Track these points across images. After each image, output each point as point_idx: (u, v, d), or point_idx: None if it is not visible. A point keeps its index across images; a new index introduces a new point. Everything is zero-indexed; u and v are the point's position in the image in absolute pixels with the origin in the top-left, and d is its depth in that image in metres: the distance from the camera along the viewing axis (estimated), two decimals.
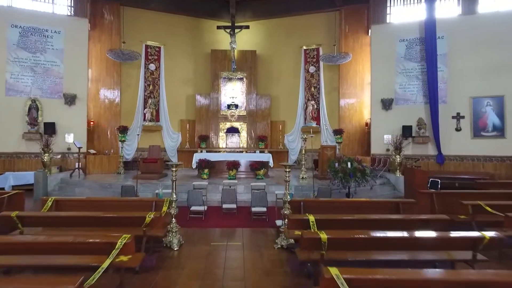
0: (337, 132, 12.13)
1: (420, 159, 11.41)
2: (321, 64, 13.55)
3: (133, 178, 8.77)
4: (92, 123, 12.31)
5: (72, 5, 11.99)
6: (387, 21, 12.57)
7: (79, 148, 10.57)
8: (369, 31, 12.92)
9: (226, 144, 13.92)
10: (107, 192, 8.83)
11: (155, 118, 13.52)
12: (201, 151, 12.35)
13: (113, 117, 12.92)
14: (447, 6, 11.88)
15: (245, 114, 13.90)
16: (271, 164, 10.67)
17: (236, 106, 13.90)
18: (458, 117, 11.32)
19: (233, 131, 13.96)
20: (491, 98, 10.98)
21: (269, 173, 11.11)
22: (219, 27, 13.27)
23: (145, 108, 13.37)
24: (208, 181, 9.82)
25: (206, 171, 10.15)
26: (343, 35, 13.34)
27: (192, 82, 14.36)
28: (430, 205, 6.21)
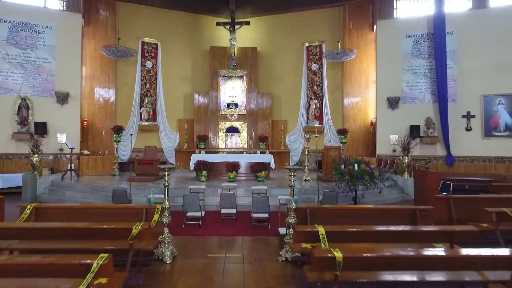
0: (341, 132, 11.58)
1: (431, 160, 10.88)
2: (324, 61, 13.05)
3: (127, 180, 8.27)
4: (85, 122, 11.80)
5: None
6: (393, 16, 12.07)
7: (71, 148, 10.09)
8: (374, 27, 12.42)
9: (225, 144, 13.42)
10: (99, 195, 8.33)
11: (151, 117, 13.02)
12: (200, 152, 11.85)
13: (108, 117, 12.42)
14: (456, 0, 11.37)
15: (245, 113, 13.40)
16: (272, 165, 10.17)
17: (236, 105, 13.39)
18: (468, 116, 10.82)
19: (233, 131, 13.46)
20: (503, 96, 10.48)
21: (271, 175, 10.62)
22: (218, 23, 12.76)
23: (141, 107, 12.86)
24: (206, 183, 9.34)
25: (204, 173, 9.66)
26: (347, 31, 12.84)
27: (190, 80, 13.85)
28: (446, 211, 5.72)
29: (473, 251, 2.99)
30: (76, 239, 3.91)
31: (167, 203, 4.55)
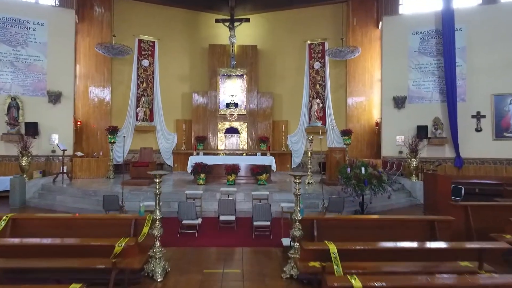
0: (345, 132, 11.07)
1: (441, 163, 10.41)
2: (327, 59, 12.59)
3: (121, 184, 7.82)
4: (79, 123, 11.34)
5: None
6: (398, 12, 11.61)
7: (63, 150, 9.64)
8: (379, 23, 11.96)
9: (225, 145, 12.96)
10: (91, 200, 7.88)
11: (148, 117, 12.57)
12: (198, 154, 11.39)
13: (103, 117, 11.97)
14: None
15: (245, 113, 12.94)
16: (274, 168, 9.71)
17: (235, 105, 12.93)
18: (478, 116, 10.37)
19: (232, 131, 13.00)
20: None
21: (272, 177, 10.17)
22: (217, 20, 12.32)
23: (137, 107, 12.41)
24: (204, 187, 8.91)
25: (202, 176, 9.21)
26: (350, 28, 12.38)
27: (188, 79, 13.39)
28: (464, 220, 5.26)
29: None
30: (54, 257, 3.45)
31: (158, 214, 4.09)
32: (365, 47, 12.11)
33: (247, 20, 12.31)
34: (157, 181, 4.09)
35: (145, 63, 12.66)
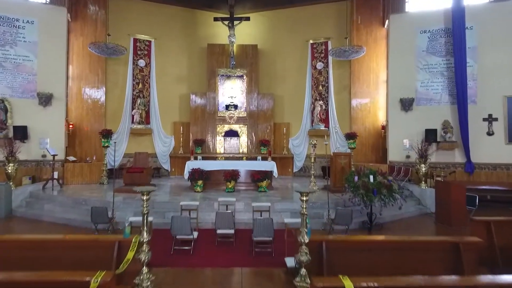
0: (350, 136, 10.51)
1: (454, 171, 9.90)
2: (330, 59, 12.09)
3: (114, 191, 7.32)
4: (71, 126, 10.84)
5: None
6: (405, 10, 11.10)
7: (54, 155, 9.15)
8: (385, 22, 11.46)
9: (224, 149, 12.47)
10: (80, 210, 7.36)
11: (144, 120, 12.07)
12: (196, 158, 10.88)
13: (97, 120, 11.46)
14: None
15: (245, 115, 12.44)
16: (275, 174, 9.21)
17: (235, 106, 12.44)
18: (490, 119, 9.86)
19: (232, 134, 12.51)
20: None
21: (273, 183, 9.69)
22: (216, 19, 11.87)
23: (133, 109, 11.91)
24: (202, 194, 8.46)
25: (200, 183, 8.73)
26: (355, 27, 11.87)
27: (186, 80, 12.89)
28: (486, 236, 4.76)
29: None
30: None
31: (146, 236, 3.59)
32: (370, 46, 11.60)
33: (247, 18, 11.89)
34: (144, 198, 3.59)
35: (141, 63, 12.17)
